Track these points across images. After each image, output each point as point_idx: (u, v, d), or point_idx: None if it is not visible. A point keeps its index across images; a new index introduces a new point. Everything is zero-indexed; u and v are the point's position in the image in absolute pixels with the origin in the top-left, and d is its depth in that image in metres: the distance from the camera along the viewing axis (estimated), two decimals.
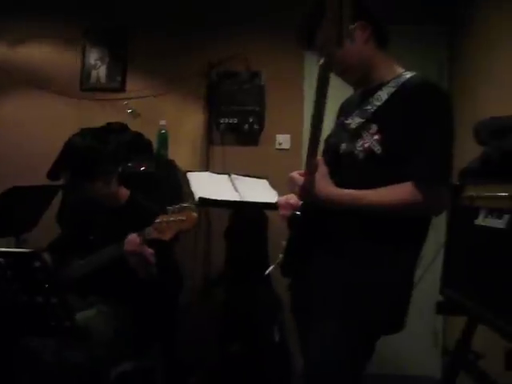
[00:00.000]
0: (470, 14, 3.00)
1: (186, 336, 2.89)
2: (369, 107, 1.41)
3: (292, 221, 1.45)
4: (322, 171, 1.36)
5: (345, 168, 1.42)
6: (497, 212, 1.51)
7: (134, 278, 1.88)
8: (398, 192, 1.32)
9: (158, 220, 1.78)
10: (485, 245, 1.57)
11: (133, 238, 1.83)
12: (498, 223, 1.48)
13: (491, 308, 1.47)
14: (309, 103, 3.35)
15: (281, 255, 1.52)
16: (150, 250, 1.83)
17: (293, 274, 1.53)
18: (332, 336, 1.37)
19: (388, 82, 1.41)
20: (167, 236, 1.77)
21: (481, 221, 1.62)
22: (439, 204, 1.34)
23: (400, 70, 1.46)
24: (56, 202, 2.86)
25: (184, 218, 1.75)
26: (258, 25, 3.39)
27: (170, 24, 3.43)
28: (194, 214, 1.76)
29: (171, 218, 1.76)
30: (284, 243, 1.52)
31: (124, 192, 2.09)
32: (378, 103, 1.39)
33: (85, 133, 2.54)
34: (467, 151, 1.83)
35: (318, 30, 1.42)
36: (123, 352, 1.96)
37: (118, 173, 2.08)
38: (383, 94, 1.40)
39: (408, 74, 1.41)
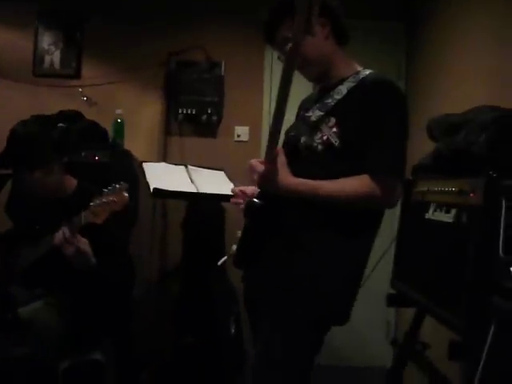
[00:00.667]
0: (426, 9, 3.07)
1: (142, 328, 2.85)
2: (329, 101, 1.44)
3: (249, 208, 1.45)
4: (282, 161, 1.37)
5: (304, 160, 1.44)
6: (445, 206, 1.54)
7: (80, 270, 1.83)
8: (355, 183, 1.35)
9: (92, 203, 1.74)
10: (433, 238, 1.61)
11: (60, 231, 1.79)
12: (446, 217, 1.52)
13: (437, 300, 1.51)
14: (268, 95, 3.35)
15: (234, 246, 1.51)
16: (83, 240, 1.79)
17: (245, 264, 1.52)
18: (284, 329, 1.38)
19: (348, 78, 1.44)
20: (101, 218, 1.74)
21: (430, 215, 1.65)
22: (393, 197, 1.37)
23: (358, 67, 1.50)
24: (5, 191, 2.75)
25: (115, 198, 1.72)
26: (218, 15, 3.35)
27: (128, 10, 3.34)
28: (125, 194, 1.74)
29: (103, 200, 1.73)
30: (239, 233, 1.52)
31: (71, 182, 2.03)
32: (338, 97, 1.43)
33: (29, 120, 2.44)
34: (422, 146, 1.87)
35: (279, 28, 1.46)
36: (71, 345, 1.91)
37: (60, 162, 2.00)
38: (343, 89, 1.43)
39: (367, 71, 1.46)
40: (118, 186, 1.74)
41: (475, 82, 2.33)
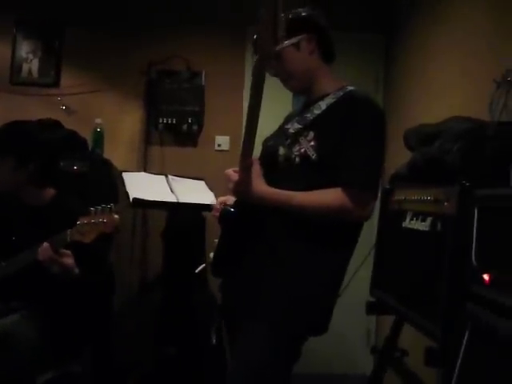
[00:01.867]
0: (405, 21, 3.13)
1: (122, 338, 2.82)
2: (308, 115, 1.47)
3: (223, 216, 1.46)
4: (256, 170, 1.39)
5: (281, 171, 1.46)
6: (421, 215, 1.57)
7: (58, 282, 1.81)
8: (328, 196, 1.37)
9: (79, 222, 1.73)
10: (410, 247, 1.64)
11: (45, 246, 1.78)
12: (423, 225, 1.55)
13: (415, 307, 1.53)
14: None
15: (211, 254, 1.52)
16: (67, 252, 1.77)
17: (223, 273, 1.53)
18: (260, 338, 1.39)
19: (329, 94, 1.48)
20: (88, 238, 1.73)
21: (407, 223, 1.68)
22: (365, 211, 1.39)
23: (342, 83, 1.52)
24: None
25: (105, 220, 1.71)
26: (198, 24, 3.36)
27: (108, 19, 3.34)
28: (115, 216, 1.73)
29: (92, 220, 1.72)
30: (216, 241, 1.53)
31: (48, 191, 2.01)
32: (318, 112, 1.46)
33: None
34: (400, 157, 1.90)
35: None
36: (49, 358, 1.88)
37: (19, 162, 1.97)
38: (323, 104, 1.46)
39: (348, 88, 1.49)
40: (108, 206, 1.73)
41: (452, 93, 2.38)
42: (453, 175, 1.42)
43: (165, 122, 3.25)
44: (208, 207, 1.82)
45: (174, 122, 3.26)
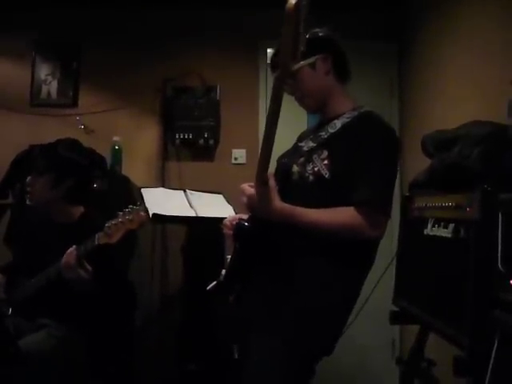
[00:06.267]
0: (417, 30, 3.12)
1: (144, 356, 2.82)
2: (323, 133, 1.49)
3: (237, 230, 1.46)
4: (272, 185, 1.39)
5: (295, 188, 1.47)
6: (443, 221, 1.55)
7: (83, 300, 1.83)
8: (339, 214, 1.38)
9: (107, 225, 1.76)
10: (433, 254, 1.61)
11: (70, 250, 1.82)
12: (445, 232, 1.52)
13: (440, 316, 1.50)
14: (264, 118, 3.37)
15: (223, 271, 1.52)
16: (86, 266, 1.80)
17: (234, 290, 1.52)
18: (274, 355, 1.38)
19: (344, 114, 1.50)
20: (115, 238, 1.75)
21: (429, 230, 1.65)
22: (376, 230, 1.40)
23: (356, 104, 1.55)
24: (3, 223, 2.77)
25: (131, 217, 1.74)
26: (211, 40, 3.40)
27: (123, 39, 3.40)
28: (142, 213, 1.76)
29: (119, 220, 1.75)
30: (228, 258, 1.52)
31: (77, 209, 2.06)
32: (332, 131, 1.48)
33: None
34: (419, 163, 1.88)
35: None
36: (73, 377, 1.89)
37: (56, 180, 2.03)
38: (338, 123, 1.48)
39: (362, 109, 1.51)
40: (135, 207, 1.76)
41: (468, 100, 2.35)
42: (474, 180, 1.39)
43: (181, 137, 3.28)
44: None
45: (191, 137, 3.28)
